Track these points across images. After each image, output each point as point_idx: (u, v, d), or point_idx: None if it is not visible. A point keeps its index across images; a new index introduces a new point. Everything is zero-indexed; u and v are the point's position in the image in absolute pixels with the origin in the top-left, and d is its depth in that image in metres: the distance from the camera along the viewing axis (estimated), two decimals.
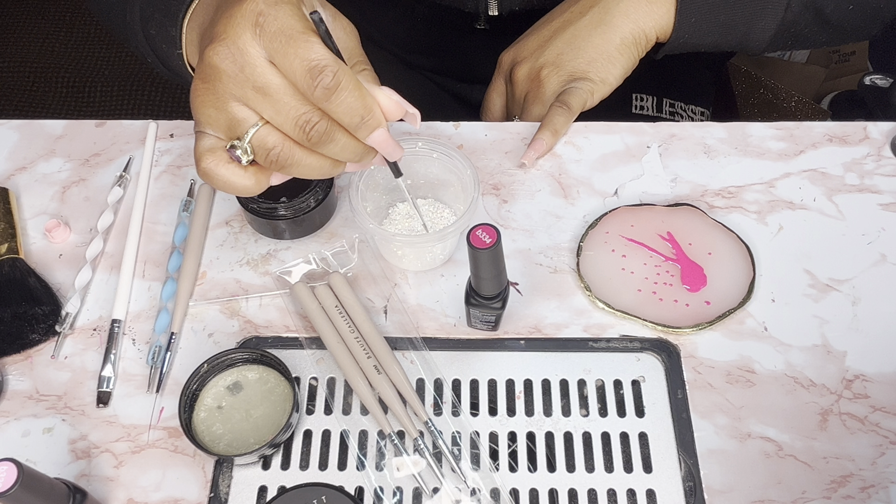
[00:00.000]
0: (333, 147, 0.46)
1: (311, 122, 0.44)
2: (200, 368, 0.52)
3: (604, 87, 0.66)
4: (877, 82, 1.25)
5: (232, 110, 0.45)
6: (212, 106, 0.45)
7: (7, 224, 0.61)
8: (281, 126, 0.45)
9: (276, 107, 0.44)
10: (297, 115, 0.44)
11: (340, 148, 0.46)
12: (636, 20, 0.64)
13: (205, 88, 0.45)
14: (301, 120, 0.44)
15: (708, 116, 0.87)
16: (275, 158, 0.46)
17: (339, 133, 0.45)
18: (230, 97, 0.45)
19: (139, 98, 1.76)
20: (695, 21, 0.63)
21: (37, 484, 0.43)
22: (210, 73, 0.45)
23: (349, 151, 0.47)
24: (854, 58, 1.42)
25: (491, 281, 0.49)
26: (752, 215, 0.62)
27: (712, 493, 0.50)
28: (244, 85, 0.44)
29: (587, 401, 0.54)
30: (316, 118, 0.44)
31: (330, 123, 0.45)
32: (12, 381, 0.55)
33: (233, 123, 0.45)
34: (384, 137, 0.46)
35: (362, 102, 0.44)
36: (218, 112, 0.45)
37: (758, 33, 0.64)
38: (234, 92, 0.44)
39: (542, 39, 0.67)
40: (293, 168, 0.47)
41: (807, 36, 0.66)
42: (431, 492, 0.50)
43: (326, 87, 0.43)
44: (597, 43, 0.65)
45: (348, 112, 0.44)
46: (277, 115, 0.44)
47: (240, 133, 0.46)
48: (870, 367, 0.55)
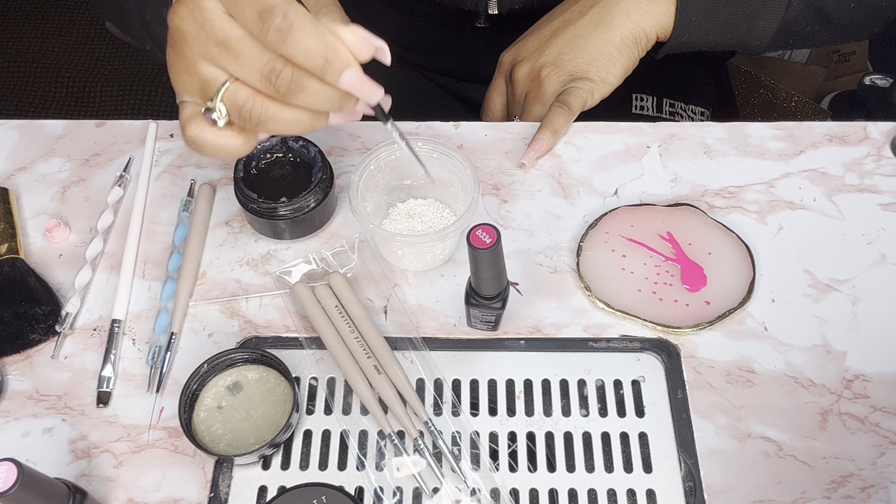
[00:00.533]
0: (305, 96, 0.43)
1: (274, 72, 0.42)
2: (200, 368, 0.52)
3: (604, 87, 0.66)
4: (877, 82, 1.25)
5: (201, 71, 0.44)
6: (183, 71, 0.45)
7: (7, 224, 0.61)
8: (248, 80, 0.43)
9: (239, 60, 0.43)
10: (259, 66, 0.42)
11: (313, 96, 0.43)
12: (636, 19, 0.64)
13: (174, 54, 0.45)
14: (265, 70, 0.42)
15: (708, 116, 0.87)
16: (248, 115, 0.44)
17: (308, 80, 0.43)
18: (197, 58, 0.44)
19: (139, 98, 1.76)
20: (695, 20, 0.63)
21: (37, 484, 0.43)
22: (176, 37, 0.44)
23: (324, 99, 0.44)
24: (854, 58, 1.42)
25: (491, 281, 0.49)
26: (752, 215, 0.62)
27: (712, 493, 0.50)
28: (207, 42, 0.43)
29: (587, 401, 0.54)
30: (279, 66, 0.42)
31: (295, 71, 0.42)
32: (12, 381, 0.55)
33: (204, 85, 0.44)
34: (356, 78, 0.43)
35: (321, 41, 0.41)
36: (189, 76, 0.44)
37: (759, 32, 0.64)
38: (199, 51, 0.43)
39: (543, 39, 0.67)
40: (270, 123, 0.45)
41: (808, 35, 0.66)
42: (431, 492, 0.50)
43: (279, 29, 0.41)
44: (597, 42, 0.65)
45: (308, 54, 0.41)
46: (242, 68, 0.43)
47: (211, 94, 0.44)
48: (870, 367, 0.55)
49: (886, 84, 1.25)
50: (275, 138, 0.60)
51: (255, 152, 0.59)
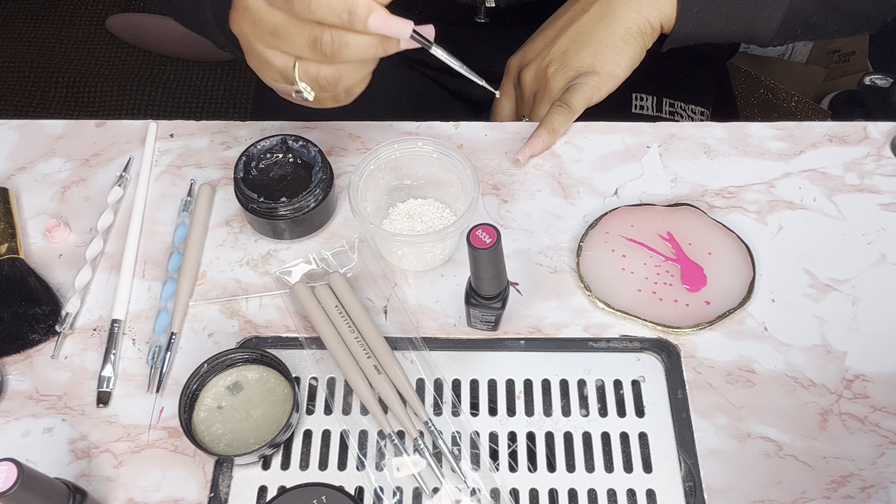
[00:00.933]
0: (350, 51, 0.47)
1: (318, 39, 0.47)
2: (200, 368, 0.52)
3: (612, 80, 0.66)
4: (877, 82, 1.25)
5: (273, 62, 0.50)
6: (263, 68, 0.51)
7: (7, 224, 0.61)
8: (302, 54, 0.48)
9: (289, 41, 0.48)
10: (304, 40, 0.47)
11: (356, 49, 0.47)
12: (639, 10, 0.64)
13: (250, 57, 0.51)
14: (309, 40, 0.47)
15: (708, 116, 0.87)
16: (325, 82, 0.50)
17: (346, 36, 0.47)
18: (264, 50, 0.49)
19: (139, 98, 1.76)
20: (698, 10, 0.63)
21: (37, 484, 0.43)
22: (243, 42, 0.51)
23: (366, 48, 0.48)
24: (854, 58, 1.42)
25: (491, 281, 0.49)
26: (752, 215, 0.62)
27: (712, 493, 0.50)
28: (263, 35, 0.48)
29: (587, 401, 0.54)
30: (318, 33, 0.46)
31: (333, 32, 0.46)
32: (12, 381, 0.55)
33: (283, 72, 0.50)
34: (381, 20, 0.46)
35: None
36: (270, 70, 0.50)
37: (764, 22, 0.63)
38: (262, 44, 0.49)
39: (548, 40, 0.68)
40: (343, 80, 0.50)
41: (817, 24, 0.65)
42: (431, 492, 0.50)
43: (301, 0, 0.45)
44: (601, 36, 0.65)
45: (333, 12, 0.45)
46: (293, 47, 0.48)
47: (291, 78, 0.50)
48: (870, 367, 0.55)
49: (886, 84, 1.25)
50: (275, 137, 0.60)
51: (255, 152, 0.59)
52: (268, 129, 0.68)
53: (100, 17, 1.89)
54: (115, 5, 1.91)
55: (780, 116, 1.34)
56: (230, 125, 0.68)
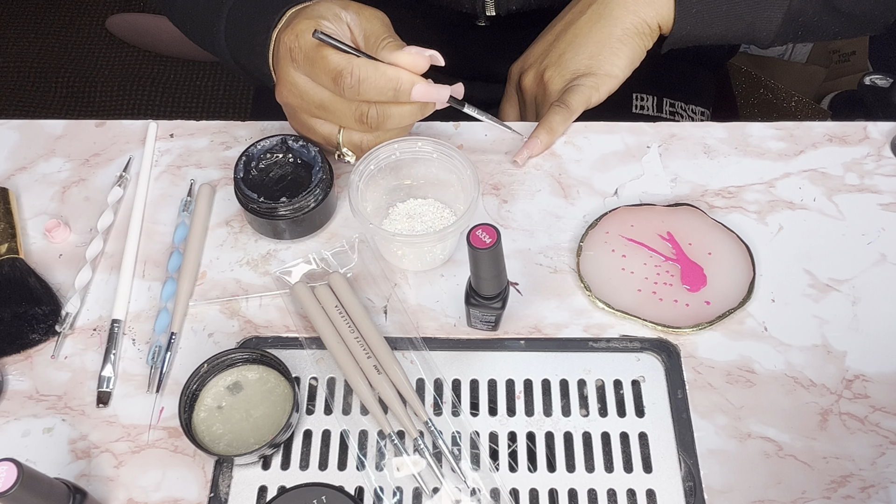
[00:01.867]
0: (393, 121, 0.54)
1: (363, 115, 0.53)
2: (200, 368, 0.52)
3: (610, 80, 0.65)
4: (877, 82, 1.25)
5: (318, 129, 0.56)
6: (308, 132, 0.57)
7: (7, 224, 0.61)
8: (349, 126, 0.55)
9: (336, 115, 0.54)
10: (351, 115, 0.53)
11: (399, 118, 0.54)
12: (636, 11, 0.64)
13: (295, 123, 0.58)
14: (356, 115, 0.53)
15: (708, 116, 0.87)
16: (367, 147, 0.56)
17: (389, 109, 0.53)
18: (310, 120, 0.56)
19: (139, 98, 1.76)
20: (696, 12, 0.63)
21: (37, 484, 0.43)
22: (288, 111, 0.58)
23: (407, 117, 0.54)
24: (854, 58, 1.42)
25: (491, 281, 0.49)
26: (752, 215, 0.62)
27: (712, 493, 0.50)
28: (310, 108, 0.54)
29: (587, 401, 0.54)
30: (365, 108, 0.52)
31: (378, 107, 0.52)
32: (12, 381, 0.55)
33: (326, 138, 0.57)
34: (423, 91, 0.52)
35: (386, 78, 0.51)
36: (314, 135, 0.57)
37: (764, 23, 0.63)
38: (308, 114, 0.55)
39: (546, 44, 0.68)
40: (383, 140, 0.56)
41: (818, 25, 0.65)
42: (431, 492, 0.50)
43: (351, 87, 0.51)
44: (597, 37, 0.65)
45: (380, 92, 0.51)
46: (340, 120, 0.54)
47: (335, 142, 0.56)
48: (870, 367, 0.55)
49: (886, 84, 1.25)
50: (275, 138, 0.60)
51: (254, 152, 0.59)
52: (268, 129, 0.68)
53: (100, 17, 1.89)
54: (115, 5, 1.91)
55: (780, 116, 1.34)
56: (230, 125, 0.68)
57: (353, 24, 0.54)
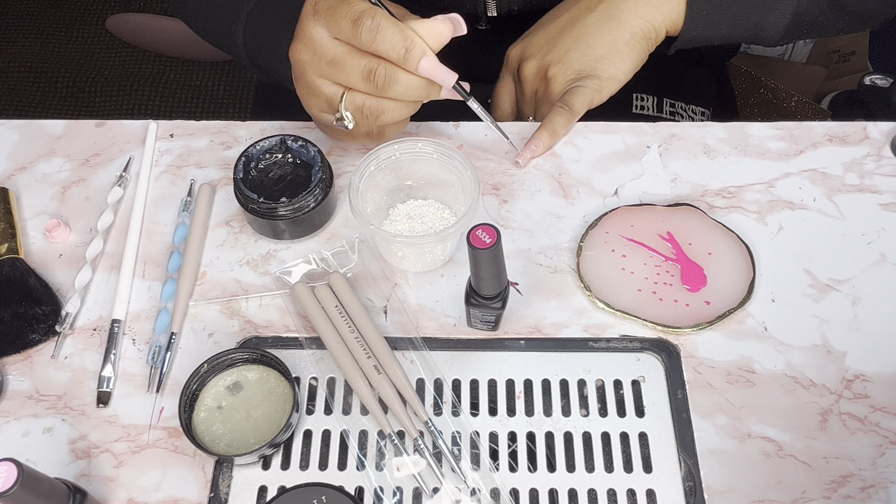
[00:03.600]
0: (398, 87, 0.53)
1: (372, 71, 0.52)
2: (200, 368, 0.52)
3: (613, 84, 0.65)
4: (877, 82, 1.25)
5: (323, 90, 0.55)
6: (311, 95, 0.56)
7: (7, 224, 0.61)
8: (355, 86, 0.54)
9: (345, 70, 0.53)
10: (360, 70, 0.52)
11: (404, 87, 0.53)
12: (645, 15, 0.63)
13: (301, 84, 0.56)
14: (364, 71, 0.52)
15: (708, 116, 0.87)
16: (368, 113, 0.55)
17: (399, 73, 0.53)
18: (317, 79, 0.55)
19: (139, 98, 1.76)
20: (706, 14, 0.62)
21: (37, 484, 0.43)
22: (298, 69, 0.55)
23: (413, 88, 0.54)
24: (854, 58, 1.42)
25: (491, 281, 0.49)
26: (752, 215, 0.62)
27: (712, 493, 0.50)
28: (320, 64, 0.54)
29: (587, 401, 0.54)
30: (374, 65, 0.52)
31: (388, 66, 0.52)
32: (12, 381, 0.55)
33: (330, 100, 0.55)
34: (431, 64, 0.53)
35: (402, 35, 0.51)
36: (318, 98, 0.56)
37: (771, 23, 0.63)
38: (317, 73, 0.54)
39: (550, 36, 0.66)
40: (384, 115, 0.55)
41: (822, 24, 0.65)
42: (431, 492, 0.50)
43: (369, 29, 0.50)
44: (605, 39, 0.64)
45: (393, 46, 0.51)
46: (348, 77, 0.53)
47: (337, 107, 0.55)
48: (870, 367, 0.55)
49: (886, 84, 1.25)
50: (274, 138, 0.60)
51: (254, 152, 0.59)
52: (268, 129, 0.68)
53: (100, 17, 1.89)
54: (115, 5, 1.91)
55: (780, 116, 1.34)
56: (230, 125, 0.68)
57: None
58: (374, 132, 0.59)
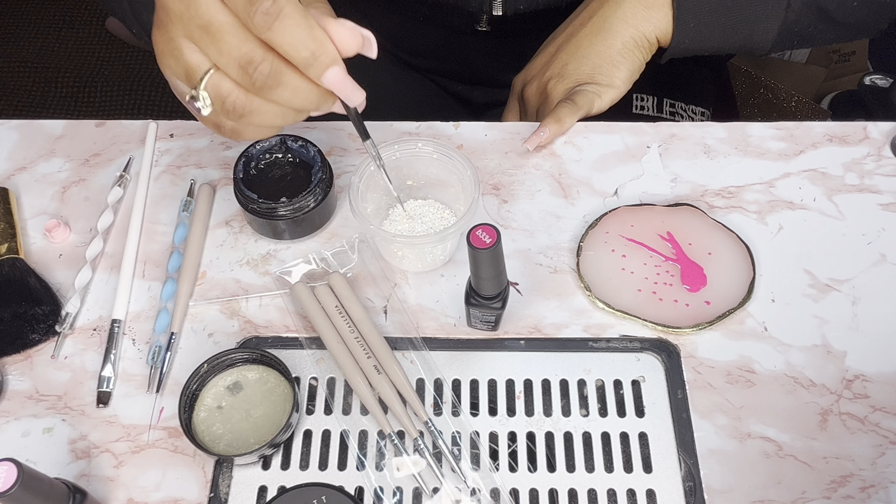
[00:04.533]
0: (283, 92, 0.42)
1: (252, 63, 0.40)
2: (200, 368, 0.52)
3: (611, 91, 0.66)
4: (877, 82, 1.25)
5: (185, 55, 0.42)
6: (169, 54, 0.43)
7: (7, 224, 0.61)
8: (226, 69, 0.42)
9: (218, 46, 0.41)
10: (238, 56, 0.41)
11: (291, 92, 0.42)
12: (635, 25, 0.65)
13: (159, 35, 0.43)
14: (243, 60, 0.41)
15: (708, 117, 0.87)
16: (231, 107, 0.43)
17: (288, 75, 0.41)
18: (181, 39, 0.42)
19: (139, 98, 1.76)
20: (694, 26, 0.63)
21: (37, 484, 0.43)
22: (162, 17, 0.43)
23: (302, 97, 0.43)
24: (854, 58, 1.42)
25: (491, 281, 0.49)
26: (752, 215, 0.62)
27: (712, 493, 0.50)
28: (190, 23, 0.41)
29: (587, 401, 0.54)
30: (259, 57, 0.40)
31: (276, 63, 0.41)
32: (12, 381, 0.55)
33: (189, 71, 0.43)
34: (340, 77, 0.42)
35: (309, 33, 0.40)
36: (175, 60, 0.43)
37: (761, 35, 0.64)
38: (183, 32, 0.42)
39: (548, 56, 0.69)
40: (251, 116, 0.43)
41: (813, 34, 0.66)
42: (431, 492, 0.50)
43: (266, 13, 0.39)
44: (599, 50, 0.65)
45: (295, 44, 0.40)
46: (220, 55, 0.41)
47: (195, 82, 0.43)
48: (870, 367, 0.55)
49: (886, 84, 1.25)
50: (274, 138, 0.60)
51: (254, 152, 0.59)
52: None
53: (100, 17, 1.89)
54: None
55: (780, 116, 1.34)
56: None
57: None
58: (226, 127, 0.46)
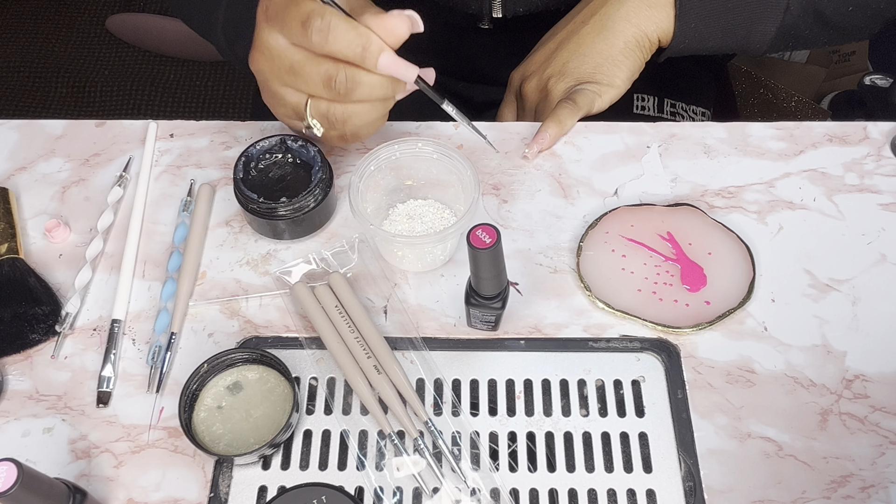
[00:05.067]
0: (362, 89, 0.50)
1: (331, 77, 0.50)
2: (200, 368, 0.52)
3: (612, 90, 0.66)
4: (877, 82, 1.25)
5: (287, 99, 0.53)
6: (278, 105, 0.54)
7: (7, 224, 0.61)
8: (316, 92, 0.51)
9: (305, 78, 0.51)
10: (319, 77, 0.50)
11: (368, 88, 0.51)
12: (637, 24, 0.65)
13: (266, 94, 0.55)
14: (324, 78, 0.50)
15: (709, 117, 0.87)
16: (334, 119, 0.53)
17: (360, 74, 0.50)
18: (279, 88, 0.52)
19: (139, 98, 1.76)
20: (694, 26, 0.64)
21: (37, 484, 0.43)
22: (260, 79, 0.54)
23: (377, 88, 0.51)
24: (854, 58, 1.42)
25: (491, 281, 0.49)
26: (752, 215, 0.62)
27: (712, 493, 0.50)
28: (280, 72, 0.51)
29: (587, 401, 0.54)
30: (333, 71, 0.50)
31: (348, 70, 0.49)
32: (12, 381, 0.55)
33: (295, 108, 0.53)
34: (391, 61, 0.49)
35: (356, 33, 0.48)
36: (284, 107, 0.54)
37: (758, 36, 0.65)
38: (279, 82, 0.52)
39: (548, 52, 0.68)
40: (352, 119, 0.53)
41: (808, 37, 0.66)
42: (431, 492, 0.50)
43: (319, 30, 0.47)
44: (601, 49, 0.65)
45: (348, 46, 0.48)
46: (308, 85, 0.51)
47: (302, 113, 0.53)
48: (870, 367, 0.55)
49: (886, 84, 1.25)
50: (274, 138, 0.60)
51: (254, 152, 0.59)
52: (268, 129, 0.68)
53: (100, 17, 1.89)
54: (115, 5, 1.91)
55: (780, 116, 1.34)
56: (230, 125, 0.68)
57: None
58: (347, 135, 0.56)
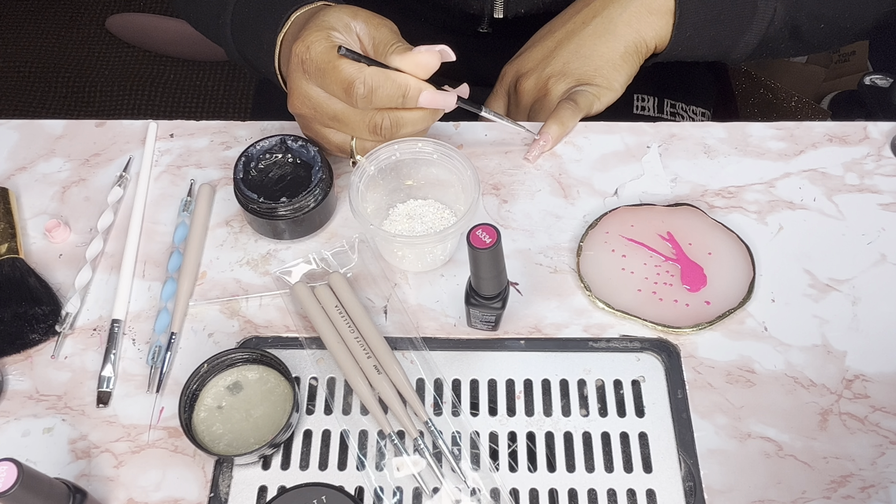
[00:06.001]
0: (406, 128, 0.55)
1: (377, 125, 0.54)
2: (200, 368, 0.52)
3: (609, 93, 0.67)
4: (877, 82, 1.25)
5: (332, 139, 0.57)
6: (323, 140, 0.58)
7: (7, 224, 0.61)
8: (361, 136, 0.56)
9: (350, 125, 0.55)
10: (365, 126, 0.54)
11: (412, 124, 0.55)
12: (638, 29, 0.65)
13: (310, 132, 0.58)
14: (370, 127, 0.54)
15: (708, 117, 0.87)
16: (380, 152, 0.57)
17: (403, 115, 0.54)
18: (324, 130, 0.57)
19: (139, 98, 1.76)
20: (689, 35, 0.65)
21: (37, 484, 0.43)
22: (302, 122, 0.58)
23: (420, 121, 0.55)
24: (854, 58, 1.42)
25: (491, 281, 0.49)
26: (752, 215, 0.62)
27: (712, 493, 0.50)
28: (324, 119, 0.55)
29: (587, 401, 0.54)
30: (378, 119, 0.54)
31: (391, 115, 0.54)
32: (12, 381, 0.55)
33: (339, 146, 0.57)
34: (430, 98, 0.54)
35: (395, 85, 0.52)
36: (328, 143, 0.58)
37: (741, 47, 0.66)
38: (322, 124, 0.56)
39: (547, 50, 0.68)
40: None
41: (780, 50, 0.68)
42: (431, 492, 0.50)
43: (364, 96, 0.52)
44: (602, 52, 0.65)
45: (391, 99, 0.52)
46: (354, 131, 0.55)
47: (348, 151, 0.57)
48: (870, 367, 0.55)
49: (886, 84, 1.25)
50: (274, 138, 0.60)
51: (254, 152, 0.59)
52: (268, 129, 0.68)
53: (100, 17, 1.89)
54: (115, 5, 1.91)
55: (780, 116, 1.34)
56: (230, 125, 0.68)
57: (363, 33, 0.55)
58: None
